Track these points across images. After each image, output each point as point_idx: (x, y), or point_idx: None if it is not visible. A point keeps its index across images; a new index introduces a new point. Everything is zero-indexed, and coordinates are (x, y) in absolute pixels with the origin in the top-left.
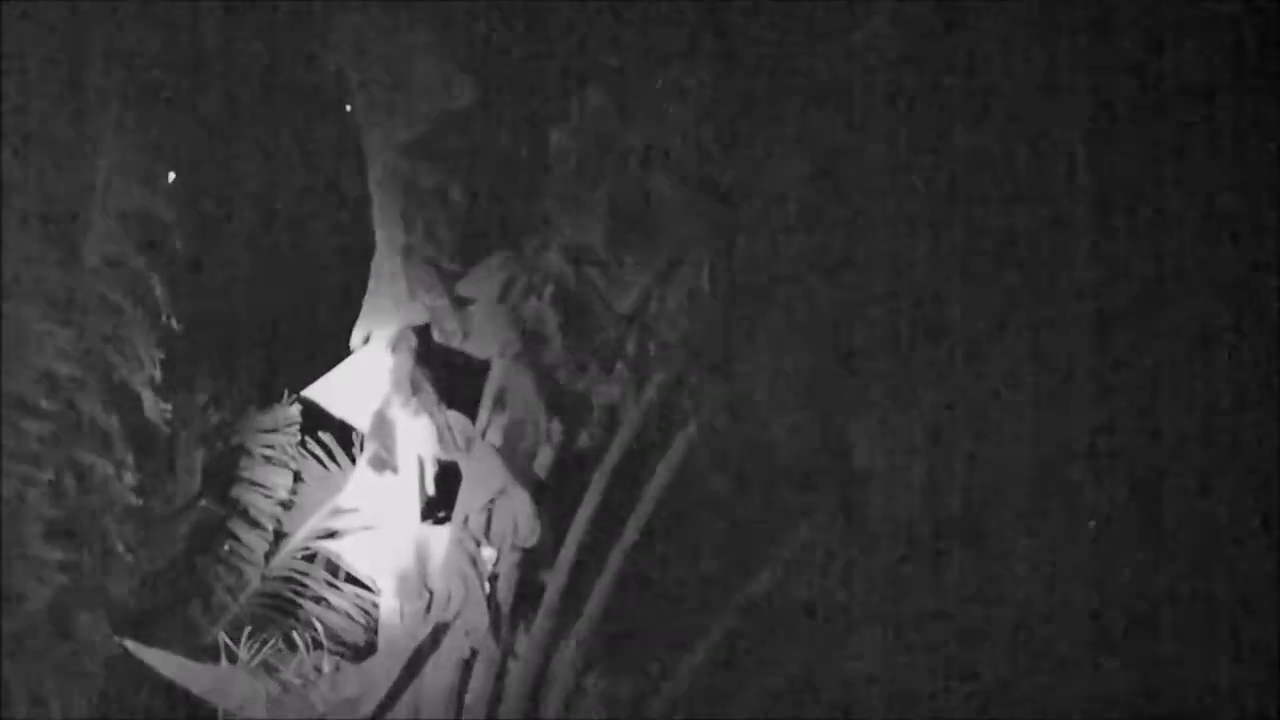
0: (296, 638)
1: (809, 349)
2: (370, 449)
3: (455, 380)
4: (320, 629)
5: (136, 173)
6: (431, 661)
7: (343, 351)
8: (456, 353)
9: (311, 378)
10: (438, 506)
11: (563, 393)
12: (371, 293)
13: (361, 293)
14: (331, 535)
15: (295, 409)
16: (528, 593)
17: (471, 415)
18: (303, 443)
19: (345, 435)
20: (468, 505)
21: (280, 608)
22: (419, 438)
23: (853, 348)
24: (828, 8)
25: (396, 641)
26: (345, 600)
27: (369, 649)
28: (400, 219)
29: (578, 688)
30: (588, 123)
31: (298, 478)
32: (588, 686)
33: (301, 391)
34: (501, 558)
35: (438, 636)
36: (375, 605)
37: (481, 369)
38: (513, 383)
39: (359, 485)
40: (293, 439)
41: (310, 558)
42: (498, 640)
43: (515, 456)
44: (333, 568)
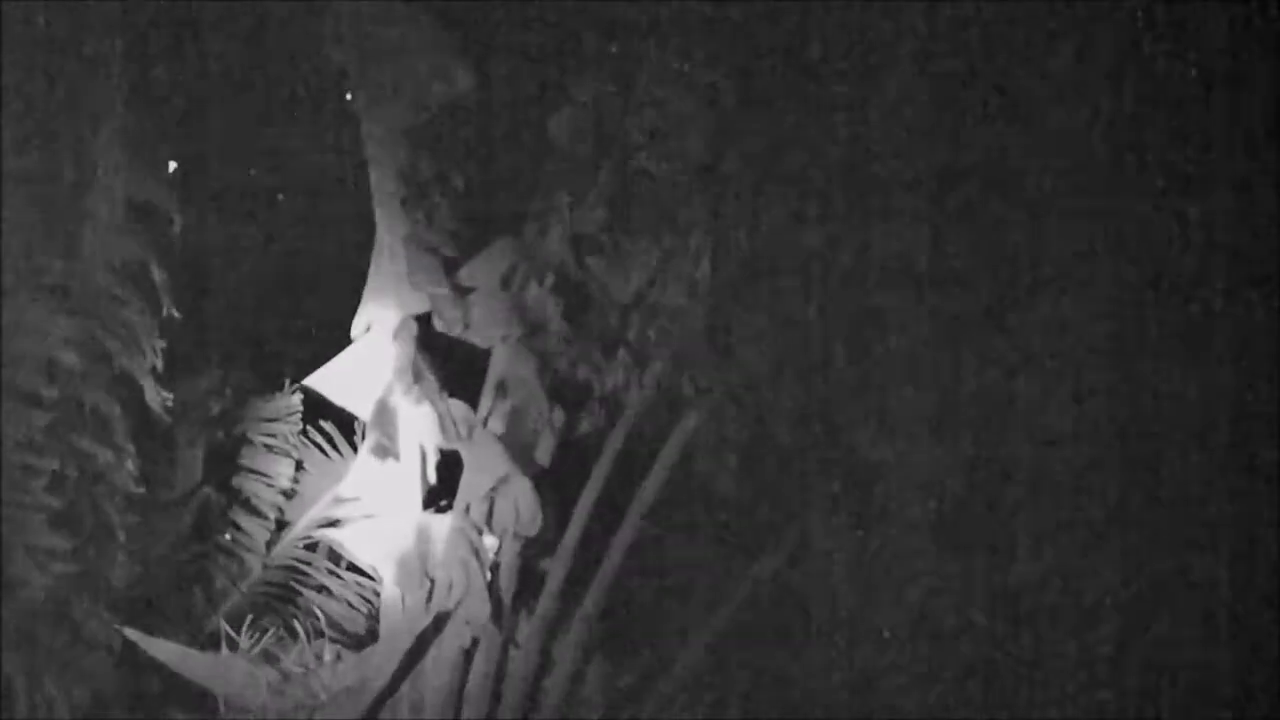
0: (298, 626)
1: (812, 337)
2: (372, 437)
3: (457, 368)
4: (321, 617)
5: (137, 162)
6: (433, 650)
7: (344, 340)
8: (458, 341)
9: (313, 366)
10: (439, 495)
11: (564, 380)
12: (372, 281)
13: (362, 281)
14: (333, 524)
15: (297, 397)
16: (529, 581)
17: (473, 403)
18: (304, 431)
19: (347, 424)
20: (469, 493)
21: (281, 596)
22: (421, 426)
23: (856, 335)
24: None
25: (398, 630)
26: (346, 589)
27: (370, 637)
28: (400, 207)
29: (579, 676)
30: (587, 109)
31: (299, 466)
32: (589, 675)
33: (303, 380)
34: (503, 546)
35: (439, 625)
36: (376, 594)
37: (483, 357)
38: (514, 370)
39: (360, 474)
40: (294, 427)
41: (312, 546)
42: (499, 629)
43: (517, 445)
44: (334, 556)
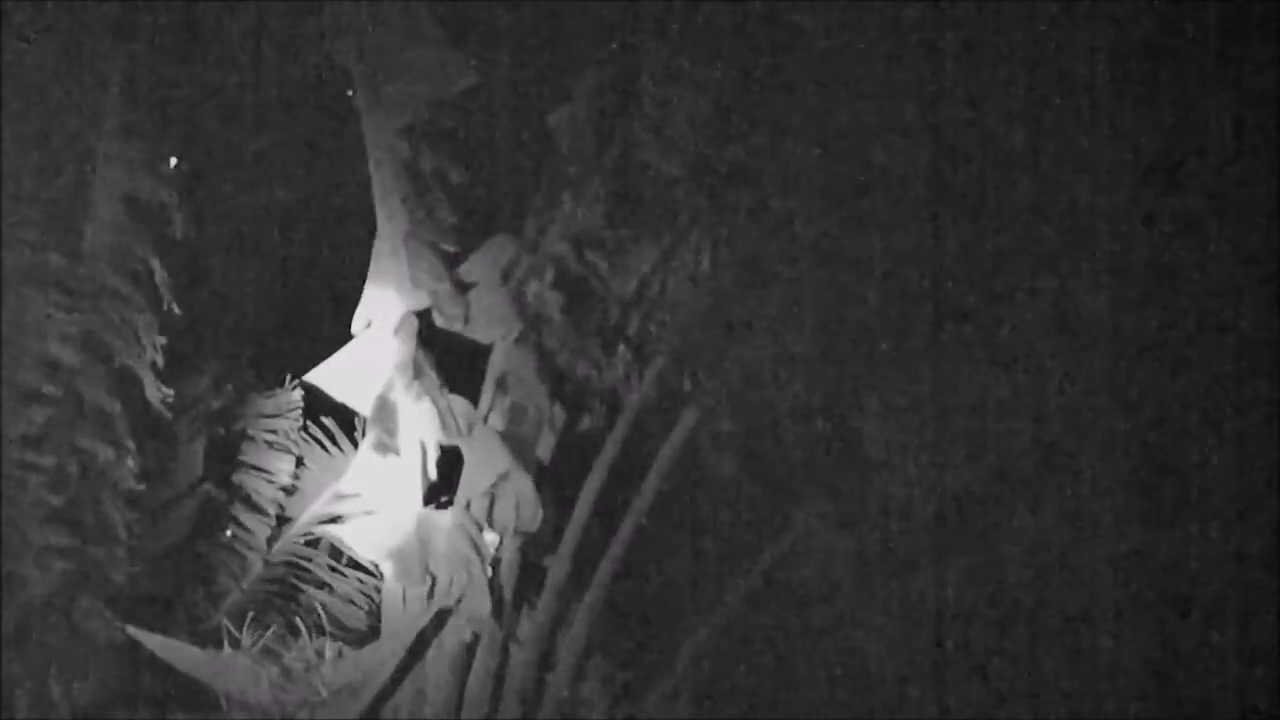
0: (299, 623)
1: (811, 332)
2: (372, 433)
3: (457, 364)
4: (322, 614)
5: (138, 159)
6: (434, 646)
7: (344, 336)
8: (458, 337)
9: (313, 362)
10: (440, 491)
11: (565, 376)
12: (373, 277)
13: (363, 277)
14: (334, 520)
15: (297, 394)
16: (530, 577)
17: (473, 399)
18: (305, 427)
19: (347, 420)
20: (470, 490)
21: (282, 593)
22: (421, 422)
23: (855, 330)
24: None
25: (399, 626)
26: (347, 585)
27: (371, 634)
28: (401, 203)
29: (580, 672)
30: (588, 106)
31: (300, 463)
32: (590, 671)
33: (303, 376)
34: (504, 542)
35: (440, 621)
36: (377, 590)
37: (483, 353)
38: (515, 366)
39: (361, 470)
40: (295, 424)
41: (313, 543)
42: (500, 625)
43: (517, 441)
44: (335, 553)
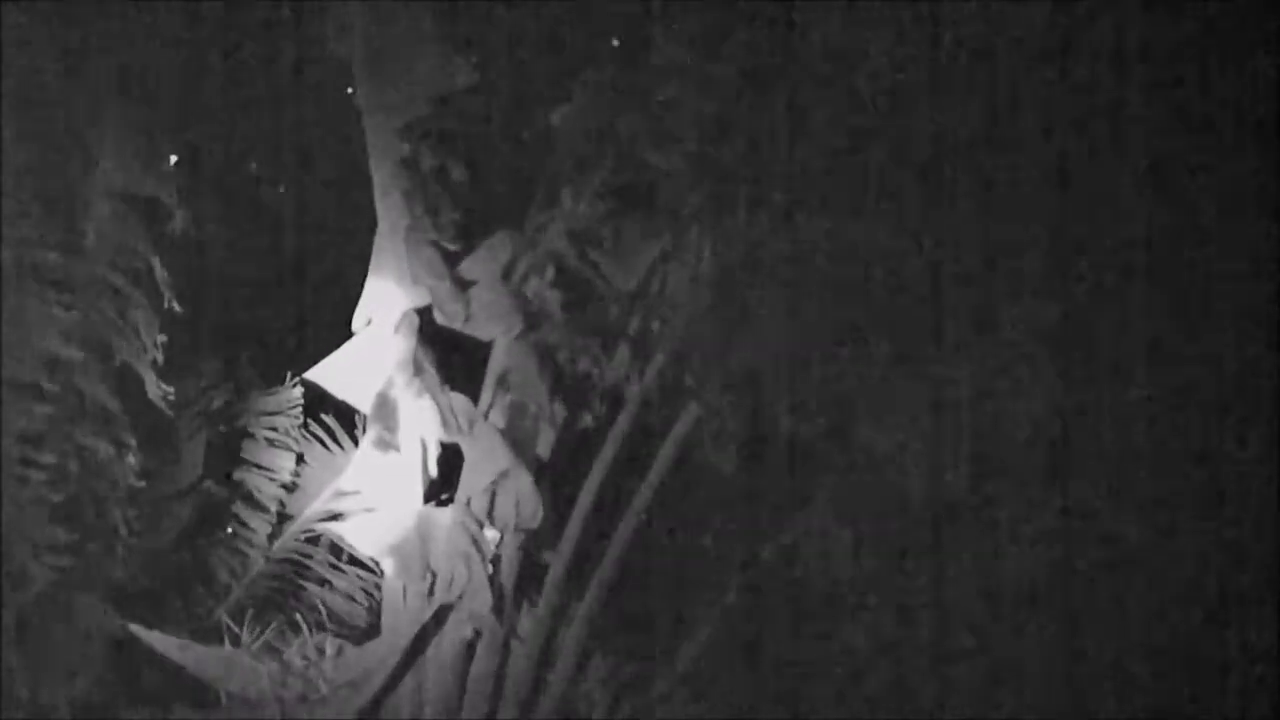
0: (299, 620)
1: (812, 329)
2: (373, 431)
3: (457, 361)
4: (323, 611)
5: (137, 155)
6: (434, 643)
7: (345, 333)
8: (459, 334)
9: (313, 360)
10: (440, 488)
11: (565, 374)
12: (373, 274)
13: (363, 274)
14: (334, 517)
15: (298, 391)
16: (531, 574)
17: (474, 396)
18: (305, 425)
19: (348, 417)
20: (470, 487)
21: (283, 590)
22: (422, 419)
23: (856, 328)
24: None
25: (399, 624)
26: (348, 582)
27: (372, 631)
28: (402, 200)
29: (581, 669)
30: (588, 103)
31: (300, 460)
32: (591, 668)
33: (304, 374)
34: (504, 539)
35: (441, 618)
36: (378, 587)
37: (484, 350)
38: (515, 364)
39: (361, 467)
40: (295, 421)
41: (313, 540)
42: (501, 622)
43: (518, 438)
44: (336, 550)
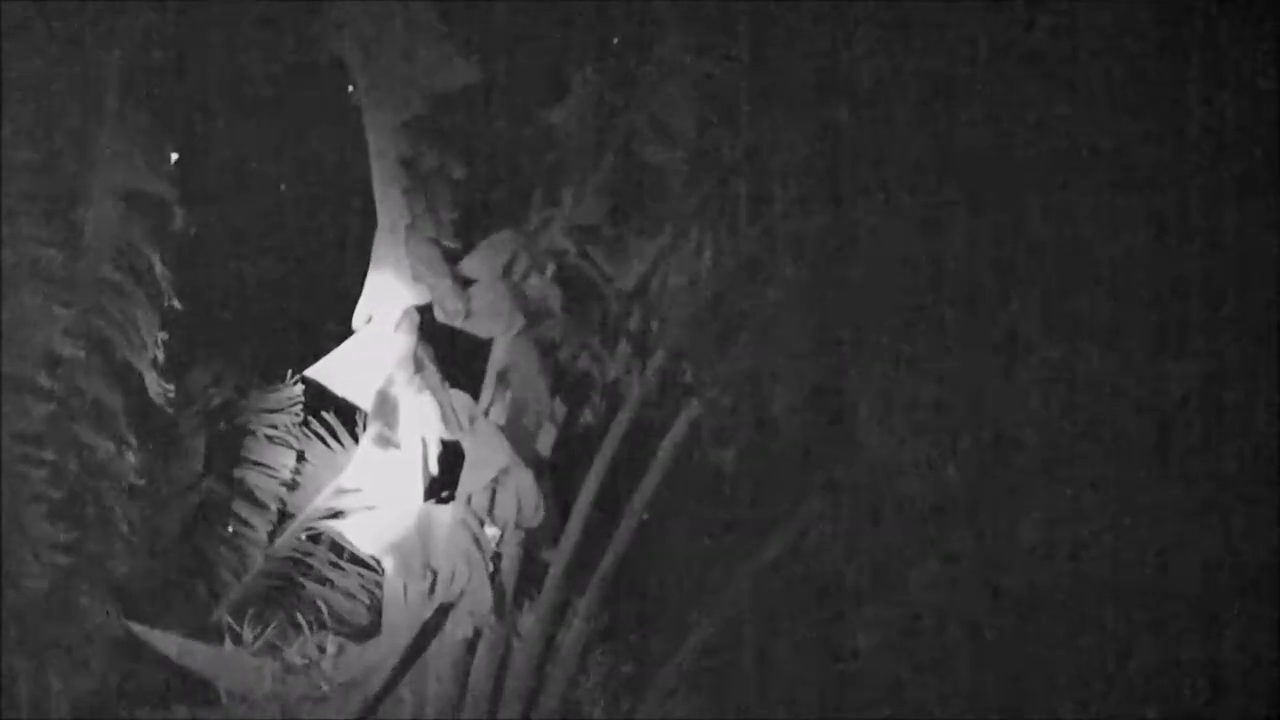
0: (300, 618)
1: (811, 326)
2: (373, 428)
3: (458, 359)
4: (324, 609)
5: (138, 153)
6: (435, 641)
7: (345, 331)
8: (459, 331)
9: (314, 357)
10: (441, 485)
11: (565, 371)
12: (374, 272)
13: (364, 272)
14: (335, 515)
15: (298, 389)
16: (531, 572)
17: (474, 394)
18: (306, 422)
19: (348, 415)
20: (471, 484)
21: (284, 588)
22: (422, 417)
23: (855, 325)
24: None
25: (400, 621)
26: (349, 580)
27: (373, 629)
28: (402, 198)
29: (581, 666)
30: (589, 100)
31: (301, 458)
32: (591, 665)
33: (304, 371)
34: (505, 537)
35: (441, 616)
36: (379, 585)
37: (484, 348)
38: (515, 361)
39: (362, 465)
40: (296, 419)
41: (314, 538)
42: (501, 619)
43: (518, 435)
44: (336, 548)
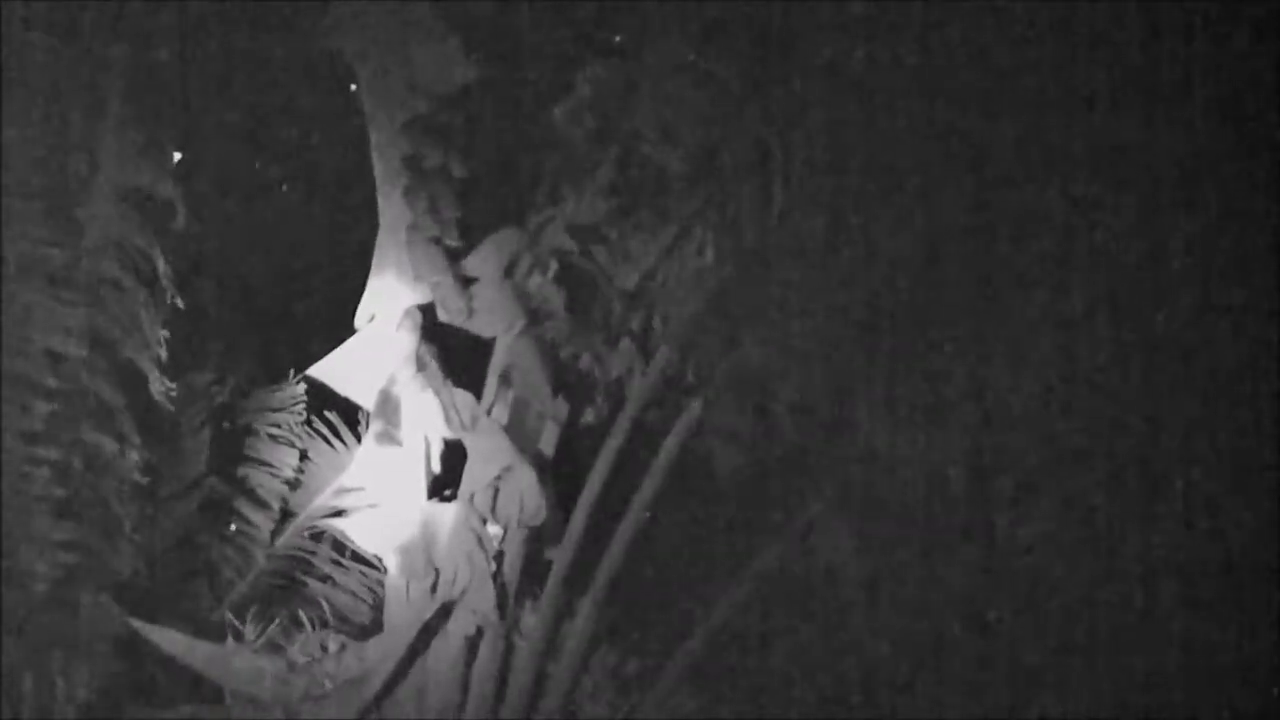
0: (302, 616)
1: (814, 325)
2: (376, 427)
3: (460, 358)
4: (326, 608)
5: (140, 152)
6: (438, 639)
7: (348, 330)
8: (461, 330)
9: (317, 356)
10: (444, 484)
11: (568, 370)
12: (376, 271)
13: (366, 272)
14: (337, 514)
15: (301, 388)
16: (534, 570)
17: (477, 393)
18: (308, 421)
19: (351, 414)
20: (473, 483)
21: (286, 586)
22: (424, 415)
23: (858, 324)
24: None
25: (402, 620)
26: (351, 579)
27: (375, 627)
28: (404, 198)
29: (584, 665)
30: (591, 99)
31: (304, 456)
32: (594, 664)
33: (307, 370)
34: (508, 535)
35: (444, 615)
36: (381, 584)
37: (486, 346)
38: (518, 360)
39: (364, 464)
40: (298, 418)
41: (316, 536)
42: (504, 618)
43: (521, 434)
44: (339, 546)
